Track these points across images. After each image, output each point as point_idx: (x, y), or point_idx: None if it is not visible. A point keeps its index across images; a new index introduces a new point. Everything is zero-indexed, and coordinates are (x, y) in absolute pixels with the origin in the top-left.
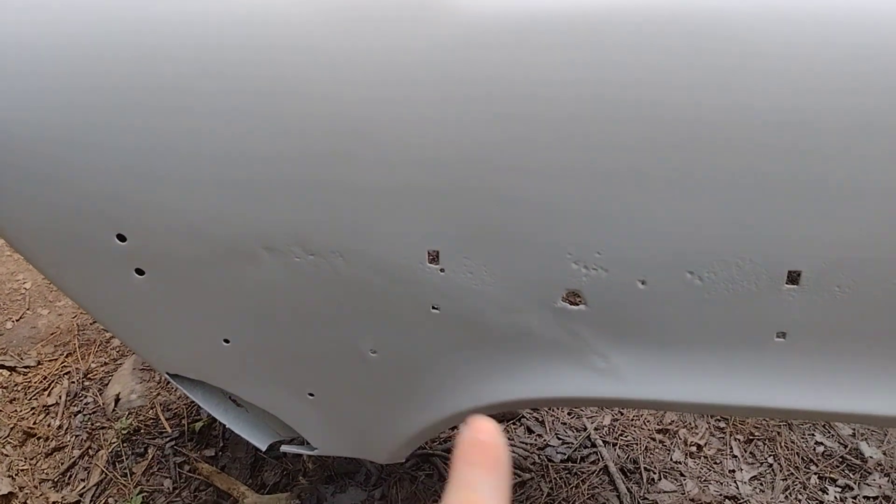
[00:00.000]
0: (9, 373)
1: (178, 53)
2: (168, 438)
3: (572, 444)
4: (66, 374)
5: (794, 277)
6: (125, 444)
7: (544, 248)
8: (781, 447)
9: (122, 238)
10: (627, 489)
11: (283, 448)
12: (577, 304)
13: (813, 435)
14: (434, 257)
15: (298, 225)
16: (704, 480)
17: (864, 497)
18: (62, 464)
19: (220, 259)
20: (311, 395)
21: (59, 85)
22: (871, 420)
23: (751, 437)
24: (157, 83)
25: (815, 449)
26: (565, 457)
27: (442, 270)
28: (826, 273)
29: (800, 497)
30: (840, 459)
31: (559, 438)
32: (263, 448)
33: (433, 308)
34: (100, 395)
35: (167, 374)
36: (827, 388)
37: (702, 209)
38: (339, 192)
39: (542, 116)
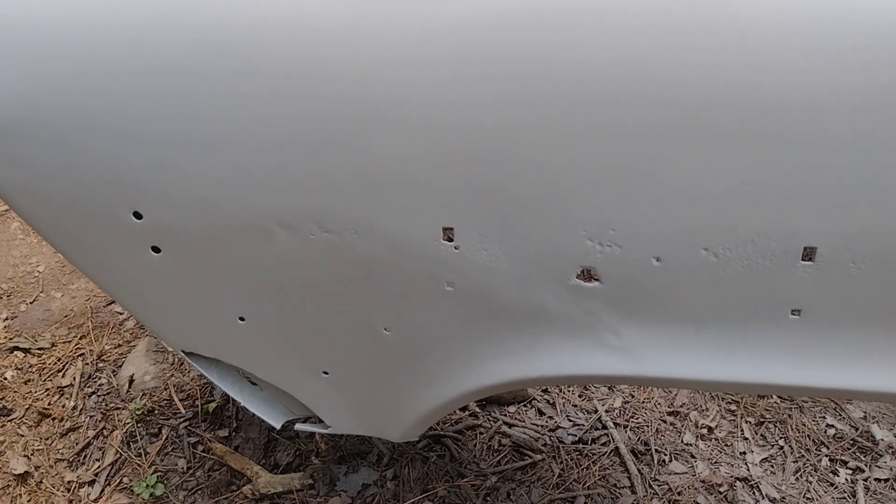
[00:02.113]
0: (23, 354)
1: (193, 31)
2: (182, 419)
3: (583, 425)
4: (80, 355)
5: (809, 254)
6: (139, 425)
7: (558, 224)
8: (792, 429)
9: (138, 215)
10: (638, 470)
11: (298, 427)
12: (592, 282)
13: (824, 417)
14: (449, 234)
15: (314, 201)
16: (715, 462)
17: (876, 479)
18: (77, 444)
19: (236, 236)
20: (326, 373)
21: (79, 63)
22: (886, 397)
23: (762, 420)
24: (173, 62)
25: (826, 431)
26: (576, 438)
27: (456, 248)
28: (841, 249)
29: (811, 479)
30: (851, 442)
31: (570, 420)
32: (278, 426)
33: (447, 285)
34: (114, 376)
35: (182, 351)
36: (842, 365)
37: (717, 185)
38: (354, 168)
39: (558, 90)
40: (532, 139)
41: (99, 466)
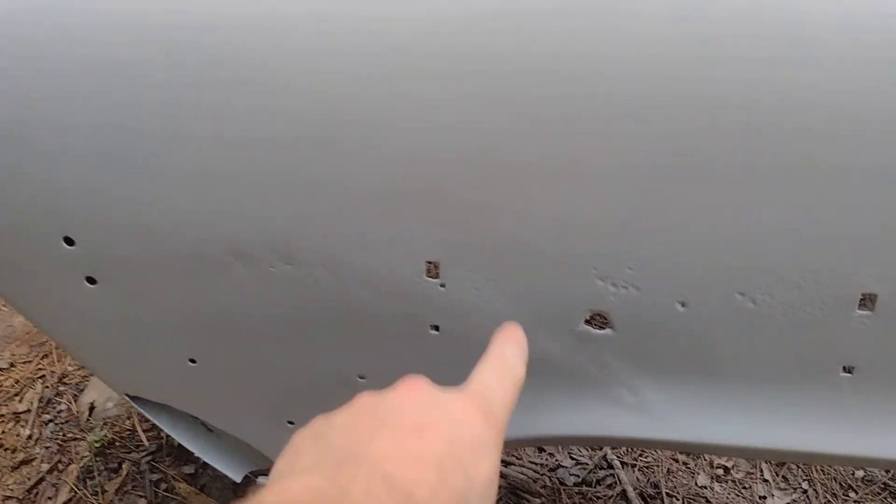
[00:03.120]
0: None
1: (134, 34)
2: (144, 453)
3: (587, 464)
4: (40, 377)
5: (867, 301)
6: (98, 459)
7: (564, 260)
8: (817, 471)
9: (69, 241)
10: None
11: (262, 481)
12: (603, 328)
13: None
14: (434, 270)
15: (274, 230)
16: None
17: None
18: (29, 479)
19: (183, 268)
20: (291, 423)
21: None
22: None
23: (783, 460)
24: (107, 61)
25: (853, 474)
26: (579, 479)
27: (443, 286)
28: None
29: None
30: (882, 486)
31: (573, 458)
32: (238, 479)
33: (432, 329)
34: (74, 401)
35: (126, 395)
36: None
37: (756, 216)
38: (321, 192)
39: (560, 99)
40: (531, 158)
41: None
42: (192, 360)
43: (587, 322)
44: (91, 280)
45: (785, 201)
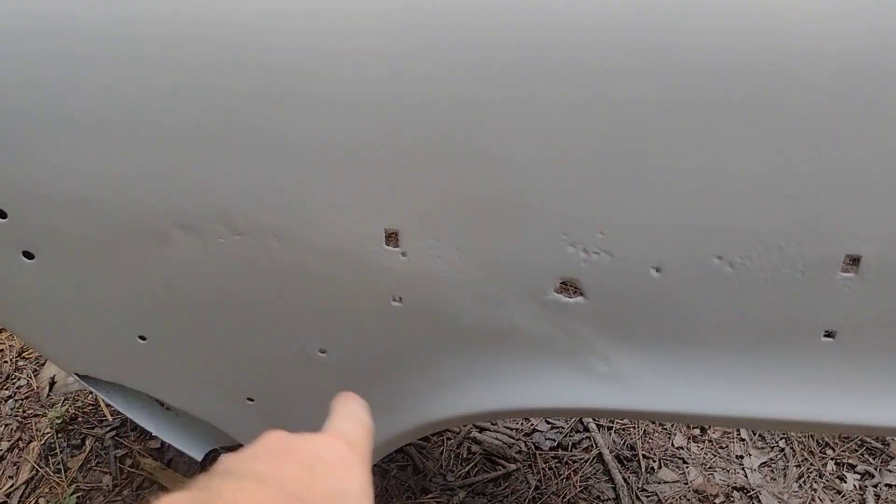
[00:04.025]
0: None
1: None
2: (108, 428)
3: (563, 429)
4: None
5: (851, 263)
6: (60, 435)
7: (532, 226)
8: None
9: (1, 214)
10: (624, 479)
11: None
12: (574, 296)
13: None
14: (393, 238)
15: (220, 197)
16: (709, 468)
17: (887, 485)
18: None
19: (125, 240)
20: (251, 400)
21: None
22: None
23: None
24: (31, 18)
25: None
26: (555, 443)
27: (403, 255)
28: (894, 259)
29: (815, 486)
30: (859, 443)
31: (548, 423)
32: (199, 458)
33: (393, 300)
34: (34, 377)
35: (76, 375)
36: (885, 398)
37: (735, 176)
38: (268, 156)
39: (525, 56)
40: (492, 117)
41: (12, 485)
42: (142, 338)
43: (557, 290)
44: (28, 255)
45: (765, 159)
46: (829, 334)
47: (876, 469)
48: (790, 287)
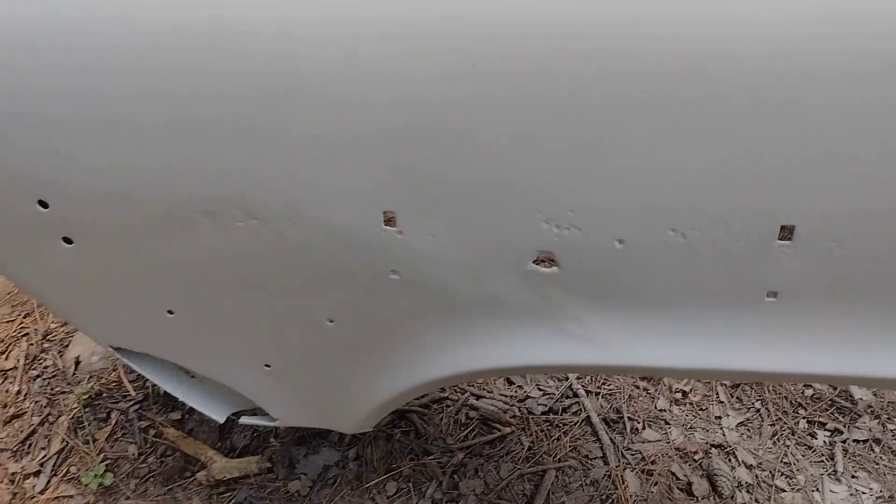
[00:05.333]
0: None
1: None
2: (132, 402)
3: (553, 394)
4: (24, 335)
5: (786, 233)
6: (87, 410)
7: (510, 206)
8: (769, 391)
9: (44, 204)
10: (611, 440)
11: (243, 420)
12: (550, 267)
13: None
14: (391, 219)
15: (238, 186)
16: (690, 428)
17: (854, 441)
18: (21, 432)
19: (154, 225)
20: (268, 366)
21: None
22: (867, 382)
23: (737, 382)
24: (69, 30)
25: (803, 392)
26: (546, 408)
27: (400, 233)
28: (822, 227)
29: (788, 442)
30: (829, 403)
31: (540, 389)
32: (221, 420)
33: (392, 274)
34: (60, 357)
35: (111, 347)
36: (822, 349)
37: (684, 160)
38: (280, 148)
39: (506, 53)
40: (475, 111)
41: (45, 456)
42: (170, 312)
43: (535, 262)
44: (67, 240)
45: (709, 145)
46: (771, 294)
47: (845, 426)
48: (735, 254)
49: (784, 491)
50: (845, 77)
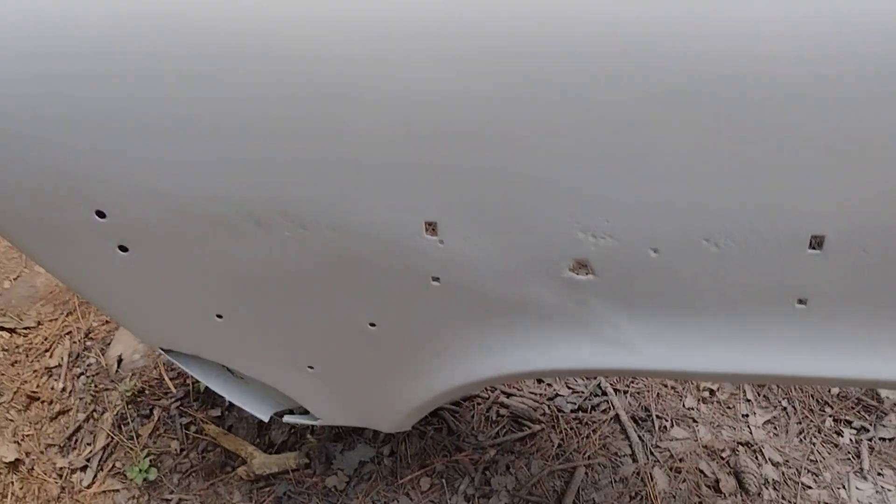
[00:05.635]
0: (9, 334)
1: (149, 16)
2: (173, 399)
3: (583, 393)
4: (67, 333)
5: (816, 242)
6: (130, 406)
7: (548, 217)
8: (795, 390)
9: (101, 214)
10: (639, 437)
11: (287, 419)
12: (586, 274)
13: None
14: (432, 228)
15: (287, 198)
16: (717, 426)
17: (881, 439)
18: (67, 428)
19: (206, 234)
20: (311, 367)
21: (23, 58)
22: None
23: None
24: (127, 48)
25: (829, 391)
26: (575, 406)
27: (441, 242)
28: (851, 236)
29: (814, 440)
30: (856, 401)
31: (569, 388)
32: (266, 419)
33: (433, 280)
34: (102, 355)
35: (161, 349)
36: (851, 354)
37: (717, 172)
38: (328, 163)
39: (542, 75)
40: (516, 127)
41: (91, 451)
42: (219, 316)
43: (571, 269)
44: (123, 248)
45: (741, 159)
46: (801, 301)
47: (871, 424)
48: (766, 262)
49: (810, 488)
50: (875, 87)
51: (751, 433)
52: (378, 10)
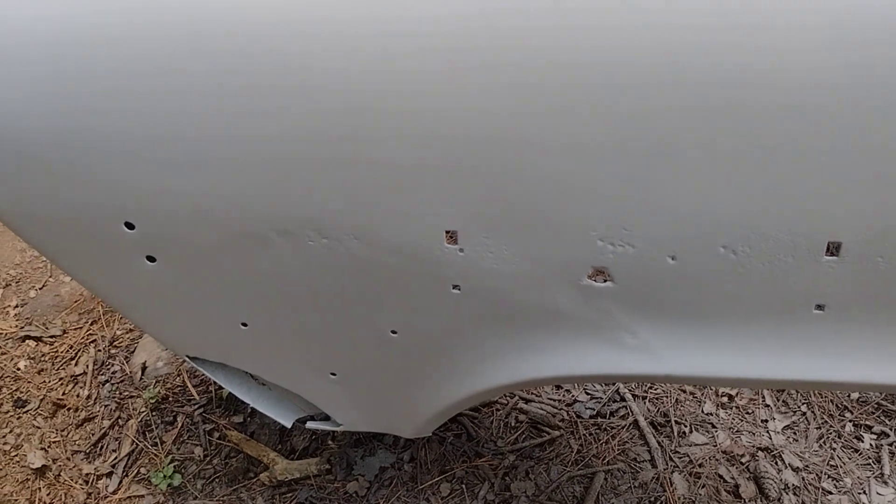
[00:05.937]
0: (35, 343)
1: (177, 32)
2: (196, 406)
3: (601, 398)
4: (91, 342)
5: (834, 249)
6: (154, 413)
7: (567, 225)
8: (815, 395)
9: (130, 226)
10: (658, 443)
11: (309, 425)
12: (604, 282)
13: None
14: (453, 237)
15: (311, 208)
16: (737, 431)
17: None
18: (93, 435)
19: (231, 244)
20: (333, 374)
21: (55, 73)
22: None
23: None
24: (155, 64)
25: (849, 396)
26: (594, 412)
27: (461, 251)
28: (869, 243)
29: (834, 445)
30: (875, 406)
31: (588, 394)
32: (289, 424)
33: (454, 288)
34: (126, 363)
35: (187, 357)
36: (869, 359)
37: (735, 180)
38: (352, 173)
39: (563, 87)
40: (535, 138)
41: (116, 457)
42: (244, 324)
43: (590, 277)
44: (150, 258)
45: (759, 168)
46: (819, 307)
47: (891, 429)
48: (784, 269)
49: (831, 493)
50: (890, 97)
51: (770, 438)
52: (403, 22)
